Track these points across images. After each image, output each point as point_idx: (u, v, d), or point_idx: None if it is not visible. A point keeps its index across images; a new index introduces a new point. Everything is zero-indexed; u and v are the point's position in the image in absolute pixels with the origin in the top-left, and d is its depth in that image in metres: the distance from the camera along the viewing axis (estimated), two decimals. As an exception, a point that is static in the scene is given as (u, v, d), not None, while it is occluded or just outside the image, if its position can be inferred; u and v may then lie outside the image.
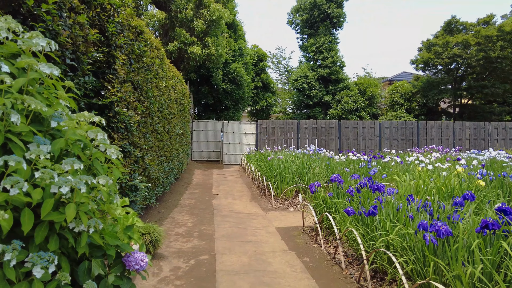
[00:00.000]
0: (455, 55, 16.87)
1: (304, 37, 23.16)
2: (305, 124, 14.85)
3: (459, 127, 14.98)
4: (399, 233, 2.66)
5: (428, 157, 9.02)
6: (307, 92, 20.87)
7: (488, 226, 2.13)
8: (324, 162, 7.74)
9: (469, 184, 4.04)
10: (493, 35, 15.91)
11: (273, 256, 3.84)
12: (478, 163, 8.37)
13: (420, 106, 19.66)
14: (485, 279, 1.97)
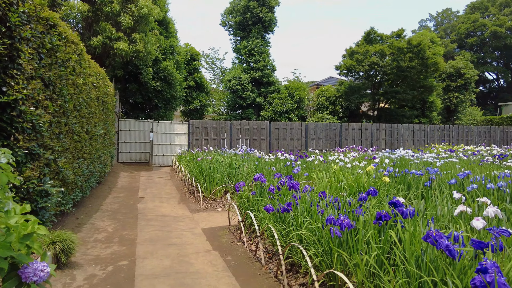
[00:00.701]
0: (373, 63, 18.55)
1: (237, 39, 23.41)
2: (238, 125, 15.03)
3: (376, 129, 16.49)
4: (309, 227, 2.87)
5: (347, 156, 9.80)
6: (240, 93, 21.15)
7: (382, 218, 2.41)
8: (253, 162, 7.94)
9: (377, 181, 4.50)
10: (403, 47, 17.84)
11: (196, 257, 3.85)
12: (390, 161, 9.29)
13: (344, 109, 21.19)
14: (376, 265, 2.24)
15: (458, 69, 22.80)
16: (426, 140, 17.01)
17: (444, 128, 17.52)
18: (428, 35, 20.47)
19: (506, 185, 3.75)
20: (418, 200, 3.72)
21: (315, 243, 2.77)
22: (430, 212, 3.11)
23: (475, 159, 9.53)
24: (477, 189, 3.87)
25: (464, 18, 43.02)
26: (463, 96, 22.97)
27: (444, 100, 22.94)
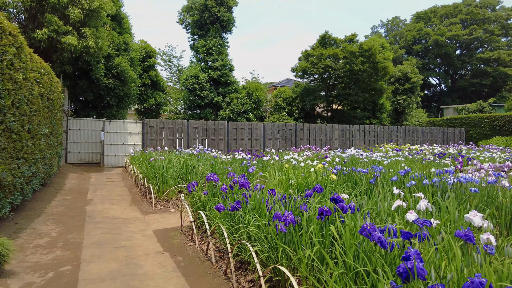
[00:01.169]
0: (327, 66, 19.23)
1: (195, 38, 23.10)
2: (195, 124, 14.85)
3: (329, 129, 17.12)
4: (257, 224, 2.94)
5: (301, 156, 10.08)
6: (198, 92, 20.91)
7: (323, 213, 2.53)
8: (209, 162, 7.89)
9: (325, 178, 4.69)
10: (355, 51, 18.69)
11: (145, 259, 3.76)
12: (341, 160, 9.67)
13: (300, 110, 21.74)
14: (317, 259, 2.34)
15: (406, 74, 24.31)
16: (376, 140, 17.97)
17: (392, 128, 18.61)
18: (378, 41, 21.65)
19: (439, 181, 4.08)
20: (361, 196, 3.92)
21: (262, 239, 2.84)
22: (371, 207, 3.31)
23: (418, 158, 10.24)
24: (415, 185, 4.18)
25: (410, 27, 46.02)
26: (410, 99, 24.53)
27: (393, 102, 24.35)
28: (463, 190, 3.97)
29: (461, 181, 4.02)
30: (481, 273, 1.69)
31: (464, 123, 21.03)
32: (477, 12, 41.33)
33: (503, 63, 38.79)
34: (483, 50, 40.89)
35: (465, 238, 1.81)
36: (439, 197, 3.58)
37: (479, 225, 2.51)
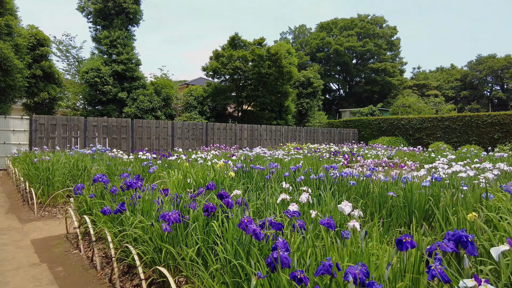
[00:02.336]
0: (237, 67, 19.60)
1: (97, 28, 21.23)
2: (94, 121, 13.64)
3: (239, 129, 17.49)
4: (140, 226, 2.80)
5: (209, 154, 10.08)
6: (100, 87, 19.27)
7: (208, 210, 2.53)
8: (106, 163, 7.30)
9: (224, 176, 4.74)
10: (263, 54, 19.45)
11: (15, 274, 3.28)
12: (247, 158, 9.93)
13: (211, 109, 21.72)
14: (197, 257, 2.34)
15: (309, 79, 26.23)
16: (281, 139, 18.99)
17: (296, 129, 19.89)
18: (285, 46, 22.90)
19: (324, 175, 4.48)
20: (258, 192, 4.05)
21: (147, 241, 2.72)
22: (261, 202, 3.45)
23: (315, 156, 11.13)
24: (304, 180, 4.50)
25: (315, 35, 49.88)
26: (312, 102, 26.56)
27: (298, 105, 26.05)
28: (345, 183, 4.42)
29: (343, 175, 4.48)
30: (338, 256, 1.88)
31: (357, 124, 23.61)
32: (369, 27, 46.90)
33: (389, 74, 44.80)
34: (374, 61, 46.61)
35: (327, 225, 2.01)
36: (322, 190, 3.92)
37: (349, 213, 2.81)
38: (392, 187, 4.01)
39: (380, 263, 1.68)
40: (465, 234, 1.57)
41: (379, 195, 3.91)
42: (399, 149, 15.27)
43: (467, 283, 1.03)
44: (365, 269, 1.52)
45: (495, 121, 16.91)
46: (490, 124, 17.10)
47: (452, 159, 7.91)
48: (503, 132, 16.62)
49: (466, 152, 11.88)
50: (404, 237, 1.74)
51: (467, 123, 17.94)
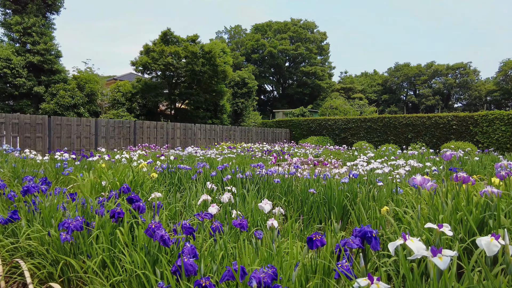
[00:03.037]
0: (169, 64, 18.91)
1: (7, 12, 18.81)
2: (1, 118, 12.01)
3: (171, 128, 16.87)
4: (35, 236, 2.45)
5: (135, 155, 9.50)
6: (11, 79, 17.11)
7: (115, 215, 2.29)
8: (11, 164, 6.42)
9: (145, 177, 4.44)
10: (197, 52, 19.05)
11: None
12: (178, 158, 9.57)
13: (141, 106, 20.65)
14: (97, 270, 2.09)
15: (244, 79, 26.41)
16: (216, 139, 18.81)
17: (231, 128, 19.86)
18: (220, 45, 22.72)
19: (251, 174, 4.44)
20: (174, 194, 3.85)
21: (44, 254, 2.37)
22: (182, 204, 3.27)
23: (248, 155, 11.18)
24: (230, 179, 4.42)
25: (250, 36, 50.50)
26: (247, 102, 26.81)
27: (233, 104, 26.08)
28: (271, 181, 4.44)
29: (269, 173, 4.49)
30: (251, 258, 1.81)
31: (289, 124, 24.41)
32: (301, 32, 48.90)
33: (318, 77, 47.22)
34: (305, 65, 48.71)
35: (239, 226, 1.93)
36: (245, 189, 3.86)
37: (269, 211, 2.77)
38: (313, 184, 4.11)
39: (288, 264, 1.64)
40: (370, 230, 1.60)
41: (302, 192, 3.98)
42: (326, 147, 16.11)
43: (360, 282, 1.01)
44: (273, 271, 1.46)
45: (409, 122, 18.79)
46: (405, 125, 18.95)
47: (372, 157, 8.53)
48: (415, 132, 18.55)
49: (385, 151, 12.95)
50: (315, 235, 1.72)
51: (386, 124, 19.63)
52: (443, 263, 0.95)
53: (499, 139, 15.81)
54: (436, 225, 1.47)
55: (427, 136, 18.20)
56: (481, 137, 16.36)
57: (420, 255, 1.03)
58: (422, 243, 1.18)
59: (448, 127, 17.54)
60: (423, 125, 18.35)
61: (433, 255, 0.99)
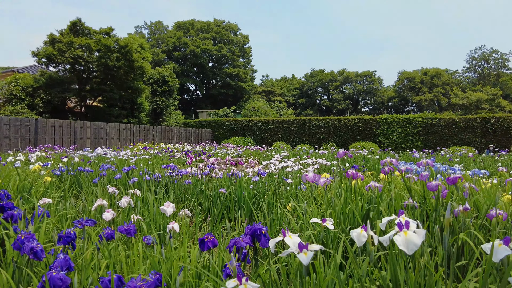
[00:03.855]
0: (78, 56, 17.25)
1: None
2: None
3: (80, 127, 15.40)
4: None
5: (32, 156, 8.42)
6: None
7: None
8: None
9: (35, 181, 3.93)
10: (111, 45, 17.74)
11: None
12: (86, 159, 8.75)
13: (45, 103, 18.45)
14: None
15: (164, 76, 25.44)
16: (132, 139, 17.75)
17: (149, 128, 18.95)
18: (138, 40, 21.50)
19: (160, 176, 4.24)
20: (68, 199, 3.48)
21: None
22: (75, 210, 2.95)
23: (166, 156, 10.77)
24: (137, 181, 4.16)
25: (172, 33, 48.99)
26: (168, 100, 25.89)
27: (152, 103, 24.93)
28: (181, 182, 4.29)
29: (179, 174, 4.34)
30: (139, 266, 1.68)
31: (211, 125, 24.29)
32: (224, 33, 49.08)
33: (241, 79, 47.96)
34: (228, 66, 49.03)
35: (126, 232, 1.78)
36: (150, 193, 3.67)
37: (171, 214, 2.64)
38: (224, 184, 4.10)
39: (173, 269, 1.56)
40: (260, 227, 1.61)
41: (213, 192, 3.93)
42: (247, 148, 16.40)
43: (229, 284, 0.99)
44: (157, 278, 1.36)
45: (321, 124, 20.22)
46: (318, 126, 20.32)
47: (285, 156, 8.91)
48: (327, 134, 20.04)
49: (300, 150, 13.66)
50: (207, 236, 1.67)
51: (301, 125, 20.80)
52: (306, 258, 0.98)
53: (396, 139, 17.94)
54: (321, 220, 1.53)
55: (337, 137, 19.77)
56: (382, 138, 18.36)
57: (288, 252, 1.04)
58: (299, 238, 1.21)
59: (355, 129, 19.30)
60: (334, 127, 19.89)
61: (300, 251, 1.01)
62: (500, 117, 16.73)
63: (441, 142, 17.33)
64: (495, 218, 2.08)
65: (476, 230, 1.98)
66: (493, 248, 1.18)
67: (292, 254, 1.60)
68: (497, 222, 2.08)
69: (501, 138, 16.57)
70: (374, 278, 1.44)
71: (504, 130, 16.55)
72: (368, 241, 1.11)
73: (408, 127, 17.76)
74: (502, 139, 16.54)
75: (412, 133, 17.70)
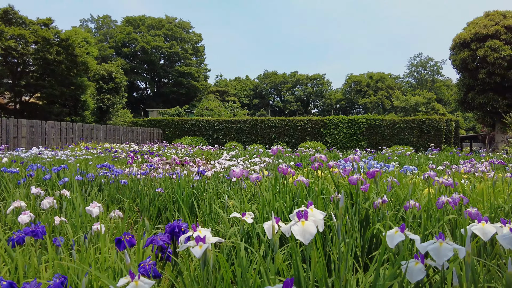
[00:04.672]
0: (11, 48, 15.84)
1: None
2: None
3: (14, 125, 14.14)
4: None
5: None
6: None
7: None
8: None
9: None
10: (51, 38, 16.52)
11: None
12: (18, 160, 8.07)
13: (-29, 98, 16.72)
14: None
15: (110, 73, 24.23)
16: (75, 138, 16.68)
17: (93, 127, 17.92)
18: (82, 34, 20.25)
19: (93, 175, 4.02)
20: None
21: None
22: None
23: (109, 156, 10.26)
24: (69, 182, 3.90)
25: (121, 29, 46.87)
26: (115, 98, 24.69)
27: (98, 100, 23.63)
28: (117, 183, 4.10)
29: (116, 174, 4.14)
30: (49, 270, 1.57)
31: (162, 124, 23.59)
32: (176, 30, 47.98)
33: (194, 78, 47.23)
34: (181, 64, 48.03)
35: (32, 234, 1.65)
36: (78, 193, 3.47)
37: (97, 215, 2.51)
38: (165, 184, 3.99)
39: (81, 272, 1.48)
40: (179, 225, 1.57)
41: (151, 192, 3.81)
42: (199, 147, 16.18)
43: (121, 281, 0.95)
44: (61, 281, 1.28)
45: (272, 124, 20.56)
46: (269, 127, 20.64)
47: (235, 155, 8.93)
48: (278, 133, 20.42)
49: (251, 150, 13.76)
50: (124, 236, 1.60)
51: (254, 125, 20.98)
52: (200, 251, 0.98)
53: (342, 139, 18.78)
54: (240, 214, 1.53)
55: (287, 137, 20.23)
56: (329, 138, 19.12)
57: (186, 246, 1.03)
58: (209, 233, 1.20)
59: (304, 129, 19.89)
60: (284, 127, 20.33)
61: (196, 244, 1.00)
62: (434, 119, 18.23)
63: (383, 142, 18.46)
64: (409, 209, 2.25)
65: (391, 221, 2.11)
66: (390, 235, 1.26)
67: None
68: (411, 213, 2.25)
69: (434, 138, 18.06)
70: (277, 270, 1.47)
71: (436, 130, 18.06)
72: (273, 233, 1.13)
73: (353, 127, 18.68)
74: (435, 139, 18.03)
75: (356, 133, 18.65)
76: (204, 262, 1.01)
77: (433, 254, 1.13)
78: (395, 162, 7.37)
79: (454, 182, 2.68)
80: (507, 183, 3.24)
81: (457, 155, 10.66)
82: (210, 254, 1.07)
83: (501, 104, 20.47)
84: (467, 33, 21.09)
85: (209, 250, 1.07)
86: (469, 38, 20.86)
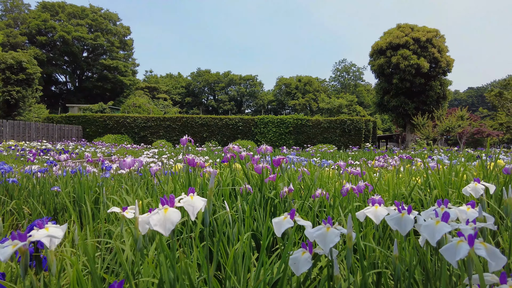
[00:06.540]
0: None
1: None
2: None
3: None
4: None
5: None
6: None
7: None
8: None
9: None
10: None
11: None
12: None
13: None
14: None
15: (20, 63, 21.54)
16: (-29, 135, 14.43)
17: (-4, 123, 15.71)
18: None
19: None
20: None
21: None
22: None
23: (12, 154, 9.07)
24: None
25: (35, 14, 42.07)
26: (26, 91, 22.01)
27: (4, 93, 20.82)
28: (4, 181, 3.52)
29: (2, 172, 3.56)
30: None
31: (82, 121, 21.67)
32: (101, 21, 44.61)
33: (121, 73, 44.44)
34: (106, 58, 44.80)
35: None
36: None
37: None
38: (67, 182, 3.54)
39: None
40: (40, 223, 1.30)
41: (47, 191, 3.34)
42: (123, 146, 15.16)
43: None
44: None
45: (204, 123, 20.19)
46: (201, 125, 20.23)
47: (155, 153, 8.49)
48: (209, 132, 20.12)
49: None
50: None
51: (184, 123, 20.37)
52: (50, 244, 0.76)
53: (271, 138, 19.21)
54: (121, 209, 1.32)
55: (219, 135, 20.06)
56: (259, 136, 19.42)
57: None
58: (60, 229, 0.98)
59: (236, 128, 19.91)
60: (216, 126, 20.12)
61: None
62: (354, 119, 19.61)
63: (309, 140, 19.30)
64: (317, 198, 2.23)
65: (298, 210, 2.06)
66: (278, 221, 1.16)
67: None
68: (318, 202, 2.24)
69: (355, 137, 19.43)
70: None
71: (357, 130, 19.45)
72: (136, 226, 0.96)
73: (281, 127, 19.23)
74: (356, 138, 19.41)
75: (285, 132, 19.23)
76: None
77: (319, 241, 1.05)
78: (316, 158, 7.67)
79: (361, 171, 2.76)
80: (409, 173, 3.48)
81: (374, 152, 11.56)
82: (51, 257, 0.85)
83: (410, 107, 22.86)
84: (383, 42, 23.14)
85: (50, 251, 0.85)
86: (385, 46, 22.90)
